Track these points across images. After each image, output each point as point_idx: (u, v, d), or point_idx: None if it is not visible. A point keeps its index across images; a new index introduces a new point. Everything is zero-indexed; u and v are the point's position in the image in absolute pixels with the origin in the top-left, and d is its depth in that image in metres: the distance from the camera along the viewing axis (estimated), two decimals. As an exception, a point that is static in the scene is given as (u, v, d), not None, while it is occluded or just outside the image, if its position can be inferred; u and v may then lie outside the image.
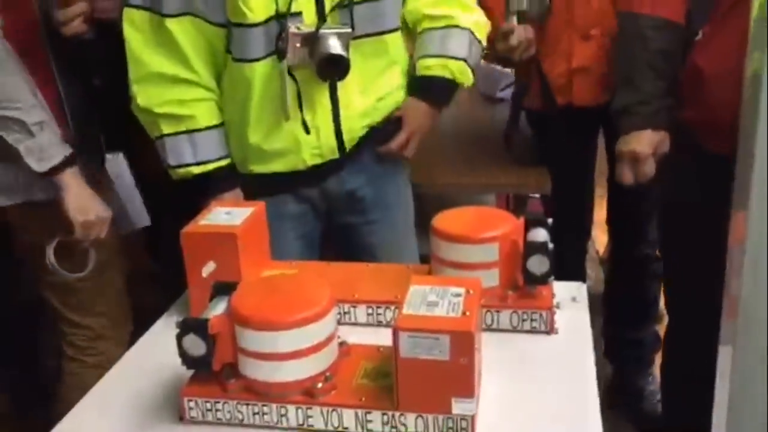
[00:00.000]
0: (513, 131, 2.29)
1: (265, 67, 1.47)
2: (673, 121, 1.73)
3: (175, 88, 1.49)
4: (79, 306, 1.83)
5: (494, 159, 2.29)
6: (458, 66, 1.62)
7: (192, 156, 1.52)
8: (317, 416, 0.99)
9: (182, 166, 1.52)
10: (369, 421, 0.97)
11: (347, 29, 1.46)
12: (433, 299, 0.97)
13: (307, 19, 1.45)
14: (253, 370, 0.99)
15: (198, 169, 1.52)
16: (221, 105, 1.55)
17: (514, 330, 1.19)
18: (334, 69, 1.45)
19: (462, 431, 0.94)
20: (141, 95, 1.50)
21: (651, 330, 2.40)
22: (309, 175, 1.58)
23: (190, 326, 0.97)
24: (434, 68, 1.62)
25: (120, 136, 1.85)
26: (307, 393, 0.99)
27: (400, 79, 1.64)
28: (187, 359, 0.99)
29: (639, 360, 2.42)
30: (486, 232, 1.17)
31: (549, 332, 1.18)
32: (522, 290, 1.19)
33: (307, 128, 1.52)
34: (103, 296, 1.85)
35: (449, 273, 1.19)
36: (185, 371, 1.01)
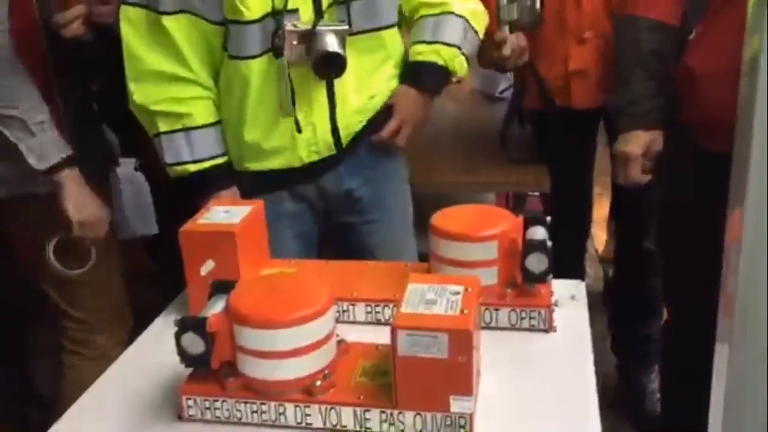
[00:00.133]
0: (508, 130, 2.30)
1: (262, 65, 1.47)
2: (668, 120, 1.75)
3: (172, 86, 1.49)
4: (79, 300, 1.86)
5: (493, 157, 2.29)
6: (450, 53, 1.61)
7: (189, 154, 1.52)
8: (315, 414, 0.99)
9: (179, 164, 1.52)
10: (367, 419, 0.97)
11: (344, 26, 1.46)
12: (432, 297, 0.97)
13: (304, 16, 1.45)
14: (252, 369, 0.99)
15: (195, 167, 1.52)
16: (218, 103, 1.55)
17: (513, 328, 1.19)
18: (331, 66, 1.45)
19: (460, 429, 0.94)
20: (138, 93, 1.50)
21: (658, 325, 2.40)
22: (306, 172, 1.58)
23: (189, 325, 0.98)
24: (426, 54, 1.61)
25: (128, 138, 1.86)
26: (306, 391, 0.99)
27: (393, 71, 1.63)
28: (186, 357, 0.99)
29: (646, 356, 2.42)
30: (485, 230, 1.17)
31: (547, 330, 1.18)
32: (521, 288, 1.18)
33: (299, 127, 1.51)
34: (103, 292, 1.87)
35: (448, 271, 1.19)
36: (184, 370, 1.01)
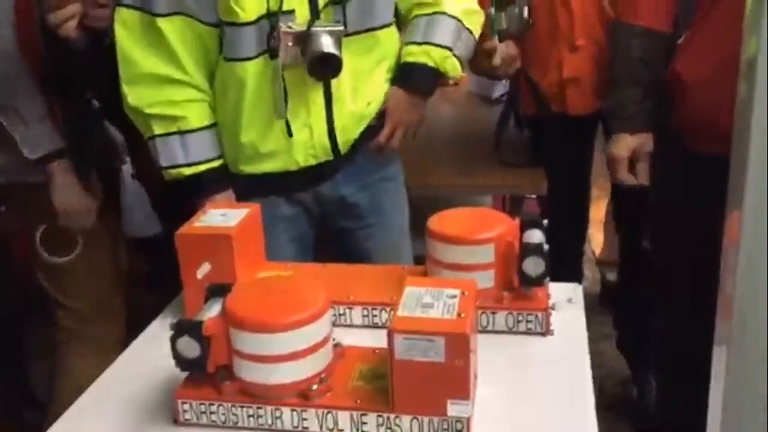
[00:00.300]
0: (502, 134, 2.30)
1: (258, 67, 1.47)
2: (656, 123, 1.77)
3: (167, 89, 1.48)
4: (69, 288, 1.90)
5: (490, 160, 2.29)
6: (441, 54, 1.60)
7: (183, 157, 1.51)
8: (312, 418, 0.98)
9: (174, 167, 1.52)
10: (364, 423, 0.97)
11: (339, 27, 1.46)
12: (429, 301, 0.97)
13: (300, 17, 1.44)
14: (248, 372, 0.99)
15: (189, 170, 1.52)
16: (213, 105, 1.54)
17: (510, 331, 1.19)
18: (327, 67, 1.44)
19: (457, 433, 0.94)
20: (132, 95, 1.49)
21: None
22: (302, 178, 1.57)
23: (185, 328, 0.97)
24: (416, 55, 1.60)
25: (133, 138, 1.88)
26: (302, 395, 0.98)
27: (388, 75, 1.63)
28: (182, 361, 0.99)
29: (651, 354, 2.42)
30: (482, 234, 1.17)
31: (545, 334, 1.18)
32: (518, 292, 1.18)
33: (290, 130, 1.51)
34: (92, 281, 1.91)
35: (445, 274, 1.18)
36: (179, 373, 1.01)
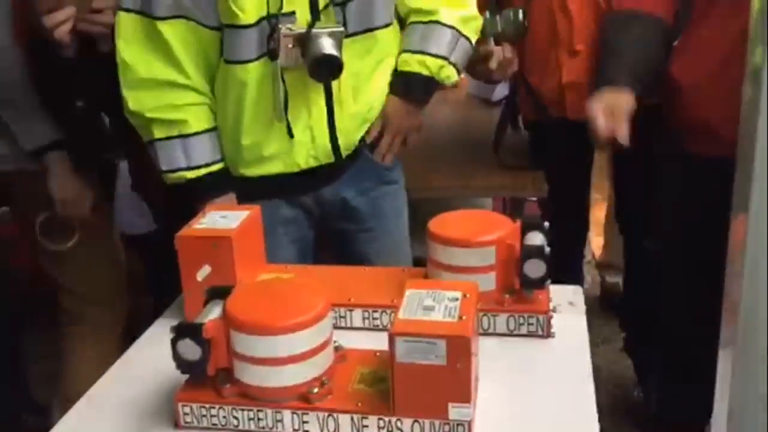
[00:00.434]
0: (500, 136, 2.29)
1: (259, 69, 1.46)
2: (645, 95, 1.77)
3: (168, 93, 1.48)
4: (69, 272, 1.98)
5: (490, 162, 2.29)
6: (437, 63, 1.60)
7: (185, 161, 1.50)
8: (313, 421, 0.98)
9: (175, 171, 1.51)
10: (365, 427, 0.97)
11: (340, 28, 1.45)
12: (430, 303, 0.97)
13: (301, 18, 1.44)
14: (249, 375, 0.98)
15: (191, 174, 1.51)
16: (214, 108, 1.54)
17: (511, 334, 1.18)
18: (328, 69, 1.44)
19: (459, 436, 0.94)
20: (132, 100, 1.48)
21: None
22: (304, 180, 1.57)
23: (185, 331, 0.97)
24: (412, 64, 1.61)
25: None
26: (303, 398, 0.98)
27: (388, 78, 1.63)
28: (182, 364, 0.98)
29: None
30: (483, 236, 1.17)
31: (546, 336, 1.18)
32: (519, 294, 1.18)
33: (291, 131, 1.51)
34: (92, 266, 1.99)
35: (446, 277, 1.18)
36: (180, 376, 1.01)
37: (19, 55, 1.68)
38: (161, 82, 1.47)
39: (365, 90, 1.58)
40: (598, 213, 3.16)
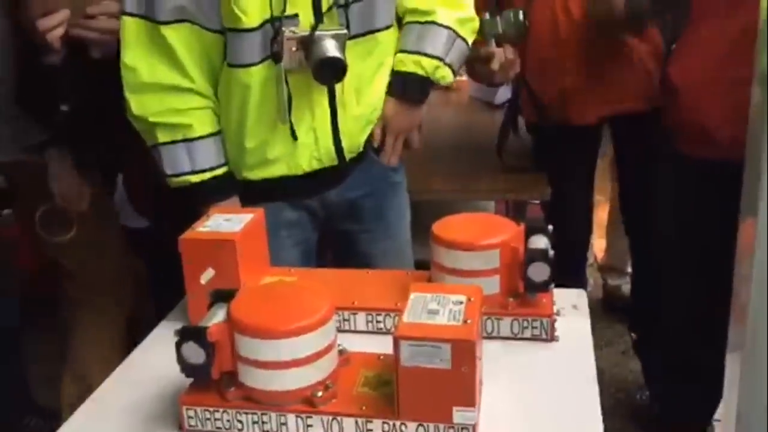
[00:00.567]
0: (504, 139, 2.29)
1: (262, 72, 1.46)
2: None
3: (171, 97, 1.47)
4: (76, 258, 2.00)
5: (493, 165, 2.29)
6: (432, 64, 1.60)
7: (189, 165, 1.50)
8: (317, 425, 0.98)
9: (179, 175, 1.51)
10: (369, 430, 0.97)
11: (343, 30, 1.45)
12: (434, 307, 0.97)
13: (304, 21, 1.44)
14: (253, 379, 0.98)
15: (196, 178, 1.51)
16: (218, 112, 1.54)
17: (515, 337, 1.18)
18: (332, 72, 1.44)
19: (463, 440, 0.94)
20: (135, 104, 1.48)
21: None
22: (308, 183, 1.57)
23: (189, 334, 0.97)
24: (407, 64, 1.60)
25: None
26: (307, 401, 0.98)
27: (388, 79, 1.63)
28: (186, 367, 0.98)
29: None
30: (487, 239, 1.17)
31: (549, 340, 1.18)
32: (522, 297, 1.18)
33: (294, 133, 1.51)
34: (97, 254, 2.02)
35: (449, 280, 1.18)
36: (184, 379, 1.01)
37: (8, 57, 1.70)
38: (165, 86, 1.47)
39: (367, 92, 1.58)
40: (601, 214, 3.16)
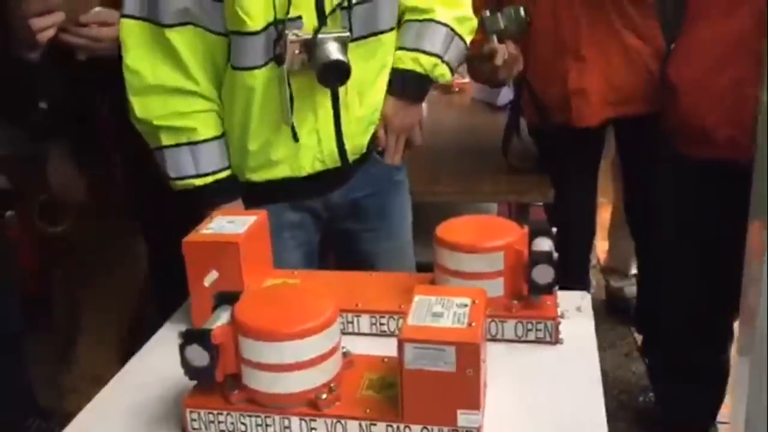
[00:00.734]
0: (509, 140, 2.29)
1: (266, 74, 1.46)
2: None
3: (176, 100, 1.47)
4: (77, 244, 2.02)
5: (495, 167, 2.29)
6: (430, 61, 1.60)
7: (194, 168, 1.50)
8: (321, 428, 0.98)
9: (183, 179, 1.51)
10: (374, 433, 0.96)
11: (346, 33, 1.45)
12: (439, 310, 0.96)
13: (307, 23, 1.44)
14: (257, 381, 0.98)
15: (200, 181, 1.51)
16: (222, 114, 1.54)
17: (519, 340, 1.18)
18: (336, 74, 1.44)
19: (468, 443, 0.93)
20: (139, 107, 1.47)
21: None
22: (311, 185, 1.57)
23: (193, 337, 0.97)
24: (405, 61, 1.61)
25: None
26: (311, 404, 0.98)
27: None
28: (190, 370, 0.98)
29: None
30: (491, 242, 1.16)
31: (554, 342, 1.17)
32: (526, 300, 1.18)
33: (296, 135, 1.51)
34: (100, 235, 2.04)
35: (453, 282, 1.18)
36: (187, 382, 1.00)
37: None
38: (169, 89, 1.46)
39: (370, 93, 1.58)
40: (603, 216, 3.15)
